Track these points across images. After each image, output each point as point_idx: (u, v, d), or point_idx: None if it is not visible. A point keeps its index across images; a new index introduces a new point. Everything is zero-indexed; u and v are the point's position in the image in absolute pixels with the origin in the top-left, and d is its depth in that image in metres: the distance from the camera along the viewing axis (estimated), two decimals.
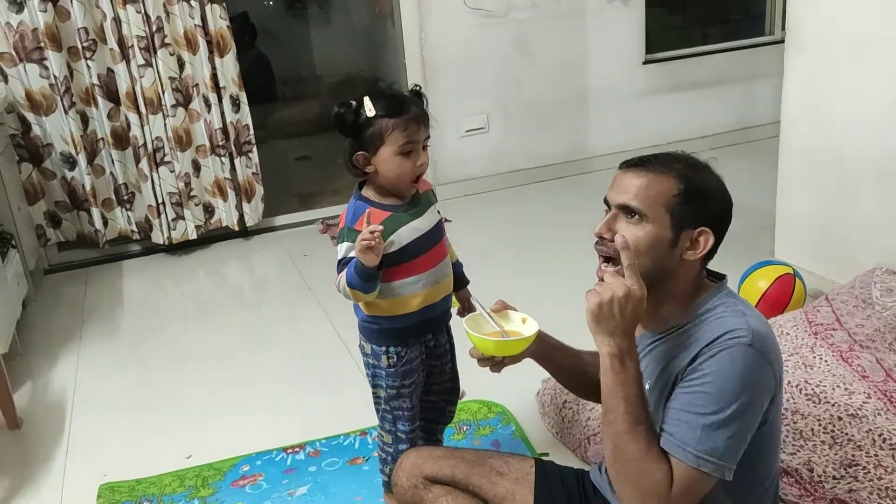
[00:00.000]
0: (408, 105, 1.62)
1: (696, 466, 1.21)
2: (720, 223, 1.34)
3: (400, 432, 1.82)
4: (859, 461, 1.77)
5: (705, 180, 1.34)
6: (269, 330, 3.13)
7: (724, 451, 1.21)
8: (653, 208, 1.30)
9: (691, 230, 1.31)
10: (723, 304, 1.32)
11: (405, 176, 1.63)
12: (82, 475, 2.26)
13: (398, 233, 1.65)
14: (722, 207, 1.34)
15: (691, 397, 1.24)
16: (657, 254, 1.30)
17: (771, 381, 1.26)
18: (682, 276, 1.34)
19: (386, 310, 1.71)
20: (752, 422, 1.24)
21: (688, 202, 1.30)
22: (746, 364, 1.22)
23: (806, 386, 2.01)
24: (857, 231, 2.67)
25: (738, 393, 1.21)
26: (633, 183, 1.32)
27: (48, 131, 3.61)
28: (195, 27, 3.61)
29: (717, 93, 4.79)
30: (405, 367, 1.75)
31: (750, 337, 1.22)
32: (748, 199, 3.71)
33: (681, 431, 1.23)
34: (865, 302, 2.37)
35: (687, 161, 1.36)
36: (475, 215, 4.17)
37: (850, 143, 2.63)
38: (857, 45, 2.55)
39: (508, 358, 1.56)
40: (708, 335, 1.26)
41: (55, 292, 3.62)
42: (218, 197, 3.93)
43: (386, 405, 1.80)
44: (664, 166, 1.33)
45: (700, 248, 1.32)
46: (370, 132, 1.61)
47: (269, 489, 2.12)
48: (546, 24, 4.33)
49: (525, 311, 1.59)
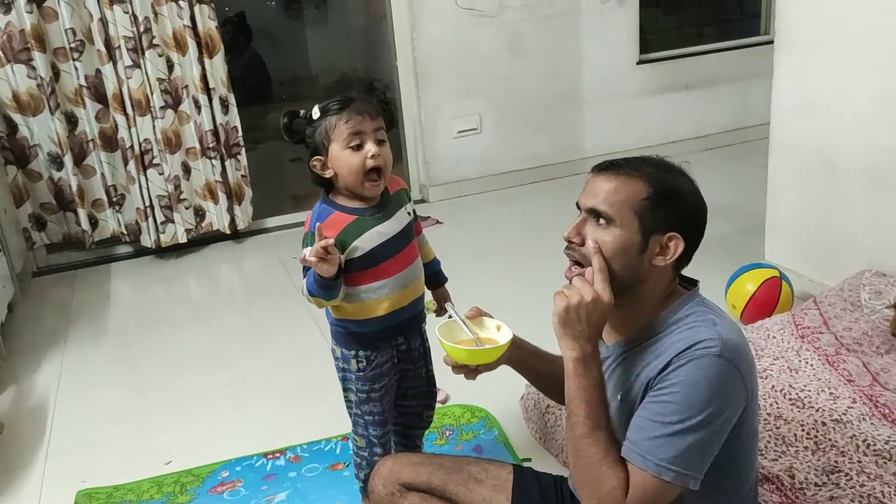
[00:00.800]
0: (350, 100, 1.61)
1: (657, 475, 1.19)
2: (691, 229, 1.30)
3: (372, 436, 1.79)
4: (842, 467, 1.74)
5: (676, 184, 1.31)
6: (256, 334, 3.11)
7: (687, 461, 1.19)
8: (621, 212, 1.27)
9: (661, 235, 1.28)
10: (695, 312, 1.29)
11: (357, 169, 1.59)
12: (61, 481, 2.23)
13: (362, 238, 1.62)
14: (694, 213, 1.31)
15: (657, 406, 1.22)
16: (626, 259, 1.28)
17: (741, 393, 1.23)
18: (652, 283, 1.32)
19: (353, 313, 1.68)
20: (719, 433, 1.22)
21: (657, 206, 1.27)
22: (714, 375, 1.19)
23: (790, 390, 1.98)
24: (846, 233, 2.64)
25: (704, 403, 1.18)
26: (602, 187, 1.29)
27: (35, 132, 3.60)
28: (184, 28, 3.59)
29: (711, 93, 4.77)
30: (375, 371, 1.73)
31: (720, 347, 1.20)
32: (740, 201, 3.75)
33: (643, 439, 1.21)
34: (853, 305, 2.34)
35: (659, 165, 1.33)
36: (467, 217, 4.15)
37: (839, 145, 2.60)
38: (847, 46, 2.52)
39: (483, 366, 1.54)
40: (678, 345, 1.23)
41: (42, 295, 3.61)
42: (209, 200, 3.91)
43: (357, 409, 1.78)
44: (635, 170, 1.30)
45: (670, 253, 1.29)
46: (318, 134, 1.61)
47: (247, 495, 2.09)
48: (539, 24, 4.31)
49: (515, 313, 1.57)
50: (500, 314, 1.67)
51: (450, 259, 1.85)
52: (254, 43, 6.06)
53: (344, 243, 1.61)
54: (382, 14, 4.31)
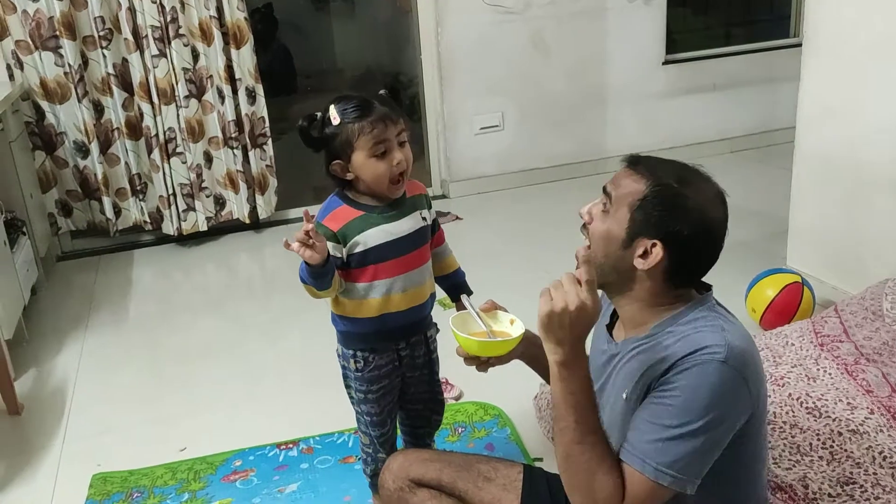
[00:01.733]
0: (371, 106, 1.58)
1: (655, 479, 1.19)
2: (680, 244, 1.26)
3: (372, 436, 1.80)
4: (857, 479, 1.72)
5: (681, 195, 1.26)
6: (273, 324, 3.13)
7: (686, 466, 1.18)
8: (618, 205, 1.29)
9: (647, 239, 1.27)
10: (704, 317, 1.28)
11: (383, 177, 1.59)
12: (77, 464, 2.27)
13: (365, 234, 1.61)
14: (689, 229, 1.25)
15: (657, 409, 1.21)
16: (608, 250, 1.30)
17: (745, 400, 1.22)
18: (640, 284, 1.31)
19: (350, 311, 1.68)
20: (719, 440, 1.20)
21: (649, 210, 1.26)
22: (718, 381, 1.18)
23: (807, 399, 1.96)
24: (870, 240, 2.60)
25: (705, 409, 1.17)
26: (619, 177, 1.32)
27: (62, 120, 3.64)
28: (210, 18, 3.62)
29: (737, 95, 4.71)
30: (372, 373, 1.72)
31: (725, 353, 1.18)
32: (764, 205, 3.71)
33: (642, 443, 1.21)
34: (875, 314, 2.31)
35: (678, 172, 1.30)
36: (487, 213, 4.14)
37: (865, 151, 2.56)
38: (876, 50, 2.48)
39: (494, 358, 1.54)
40: (683, 349, 1.22)
41: (66, 279, 3.65)
42: (230, 189, 3.94)
43: (357, 407, 1.78)
44: (650, 169, 1.30)
45: (650, 259, 1.27)
46: (339, 141, 1.58)
47: (259, 485, 2.11)
48: (564, 22, 4.28)
49: (532, 311, 1.57)
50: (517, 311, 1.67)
51: (468, 255, 1.85)
52: (280, 35, 6.09)
53: (345, 237, 1.61)
54: (408, 8, 4.31)
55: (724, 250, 1.32)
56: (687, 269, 1.30)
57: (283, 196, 4.13)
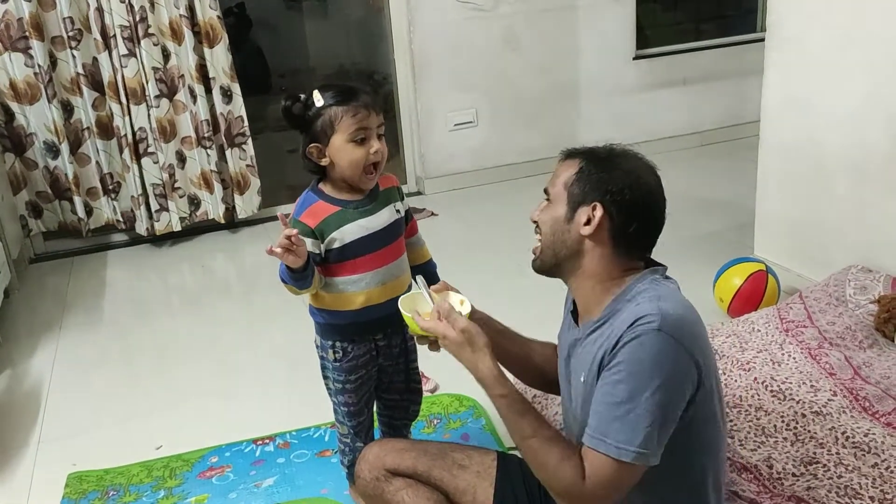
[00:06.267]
0: (357, 92, 1.60)
1: (617, 457, 1.22)
2: (619, 204, 1.31)
3: (349, 425, 1.82)
4: (820, 459, 1.77)
5: (610, 160, 1.35)
6: (248, 322, 3.13)
7: (645, 440, 1.21)
8: (555, 189, 1.38)
9: (587, 206, 1.33)
10: (645, 290, 1.31)
11: (359, 164, 1.60)
12: (52, 464, 2.26)
13: (342, 230, 1.63)
14: (622, 186, 1.31)
15: (608, 387, 1.25)
16: (555, 231, 1.38)
17: (688, 365, 1.23)
18: (590, 257, 1.36)
19: (329, 304, 1.70)
20: (670, 408, 1.23)
21: (582, 179, 1.34)
22: (656, 350, 1.21)
23: (772, 382, 2.01)
24: (833, 229, 2.66)
25: (649, 378, 1.20)
26: (555, 173, 1.40)
27: (31, 121, 3.61)
28: (181, 17, 3.60)
29: (707, 89, 4.78)
30: (351, 363, 1.74)
31: (659, 321, 1.21)
32: (733, 196, 3.77)
33: (600, 424, 1.24)
34: (838, 300, 2.37)
35: (607, 148, 1.38)
36: (462, 209, 4.17)
37: (827, 142, 2.62)
38: (836, 43, 2.54)
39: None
40: (624, 323, 1.26)
41: (39, 281, 3.63)
42: (204, 189, 3.93)
43: (334, 398, 1.80)
44: (580, 153, 1.38)
45: (594, 222, 1.32)
46: (321, 122, 1.60)
47: (235, 480, 2.12)
48: (535, 18, 4.32)
49: (508, 304, 1.61)
50: (493, 305, 1.70)
51: (444, 251, 1.88)
52: (254, 34, 6.06)
53: (323, 233, 1.62)
54: (380, 6, 4.32)
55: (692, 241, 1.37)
56: (630, 234, 1.34)
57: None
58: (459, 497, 1.62)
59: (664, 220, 1.37)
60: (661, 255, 1.48)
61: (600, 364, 1.28)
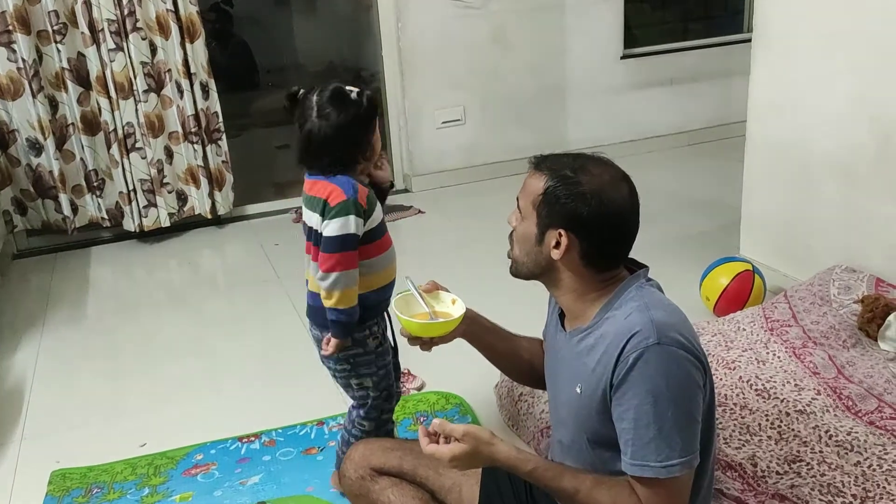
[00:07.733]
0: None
1: (667, 476, 1.23)
2: (585, 229, 1.31)
3: (388, 408, 1.86)
4: (804, 457, 1.78)
5: (576, 184, 1.30)
6: (234, 319, 3.12)
7: (683, 448, 1.23)
8: (525, 206, 1.37)
9: (555, 230, 1.33)
10: (632, 298, 1.32)
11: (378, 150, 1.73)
12: (36, 461, 2.24)
13: (377, 209, 1.73)
14: (589, 213, 1.29)
15: (629, 414, 1.25)
16: (526, 248, 1.38)
17: (694, 365, 1.26)
18: (565, 275, 1.36)
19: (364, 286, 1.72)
20: (693, 409, 1.26)
21: (549, 202, 1.32)
22: (664, 364, 1.23)
23: (756, 381, 2.02)
24: (818, 229, 2.68)
25: (667, 392, 1.22)
26: (525, 181, 1.39)
27: (14, 117, 3.57)
28: (167, 12, 3.58)
29: (695, 89, 4.80)
30: (385, 344, 1.82)
31: (656, 335, 1.23)
32: (720, 196, 3.79)
33: (637, 451, 1.25)
34: (823, 299, 2.38)
35: (574, 162, 1.34)
36: (450, 207, 4.16)
37: (814, 142, 2.64)
38: (823, 44, 2.55)
39: (438, 338, 1.60)
40: (618, 338, 1.27)
41: (22, 278, 3.60)
42: (191, 184, 3.91)
43: (376, 391, 1.82)
44: (547, 166, 1.35)
45: (561, 248, 1.32)
46: (366, 111, 1.66)
47: (220, 478, 2.11)
48: (524, 17, 4.32)
49: (495, 302, 1.61)
50: (481, 303, 1.71)
51: (432, 248, 1.90)
52: (241, 30, 6.03)
53: (366, 212, 1.68)
54: (369, 3, 4.31)
55: (680, 240, 1.37)
56: (601, 253, 1.34)
57: (244, 192, 4.11)
58: (445, 495, 1.62)
59: (637, 229, 1.36)
60: (648, 254, 1.49)
61: (606, 388, 1.28)
